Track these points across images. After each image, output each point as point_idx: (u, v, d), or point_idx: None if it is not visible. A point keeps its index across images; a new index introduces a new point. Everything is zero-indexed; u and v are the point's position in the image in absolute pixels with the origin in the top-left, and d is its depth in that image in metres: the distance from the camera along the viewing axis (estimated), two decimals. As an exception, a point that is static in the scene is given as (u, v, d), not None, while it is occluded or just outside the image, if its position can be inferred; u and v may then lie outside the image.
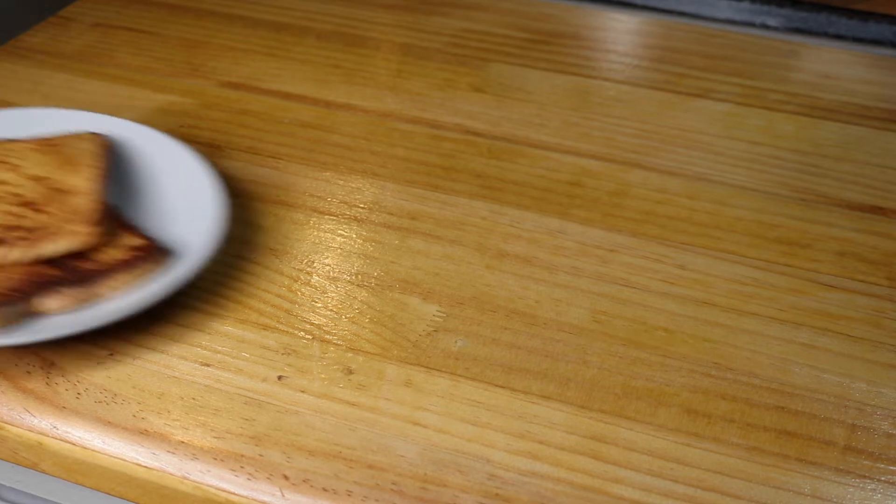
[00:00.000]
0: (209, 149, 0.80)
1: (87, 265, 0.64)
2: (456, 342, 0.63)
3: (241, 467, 0.56)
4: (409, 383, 0.61)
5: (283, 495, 0.55)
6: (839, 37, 0.97)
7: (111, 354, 0.62)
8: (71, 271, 0.63)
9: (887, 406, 0.60)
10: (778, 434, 0.58)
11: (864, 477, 0.56)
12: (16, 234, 0.64)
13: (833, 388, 0.61)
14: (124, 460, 0.57)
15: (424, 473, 0.56)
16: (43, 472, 0.60)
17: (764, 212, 0.74)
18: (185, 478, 0.56)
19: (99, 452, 0.58)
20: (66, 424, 0.59)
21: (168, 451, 0.57)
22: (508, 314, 0.65)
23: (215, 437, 0.57)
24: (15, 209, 0.66)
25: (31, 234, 0.64)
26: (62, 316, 0.62)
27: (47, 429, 0.59)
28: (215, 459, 0.56)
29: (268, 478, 0.56)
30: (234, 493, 0.56)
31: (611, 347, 0.63)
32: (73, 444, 0.58)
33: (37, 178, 0.69)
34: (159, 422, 0.58)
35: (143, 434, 0.58)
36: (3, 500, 0.66)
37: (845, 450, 0.57)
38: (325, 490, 0.55)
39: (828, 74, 0.91)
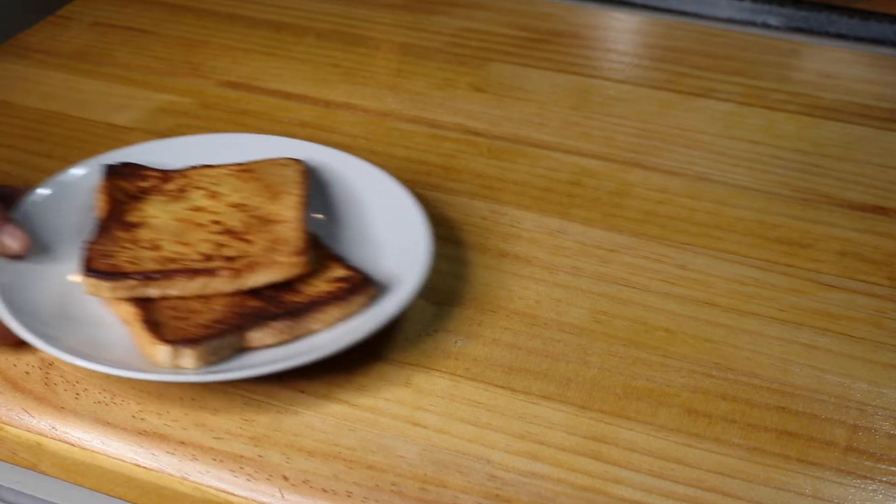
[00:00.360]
0: (208, 148, 0.80)
1: (294, 297, 0.61)
2: (456, 342, 0.63)
3: (241, 468, 0.56)
4: (408, 383, 0.61)
5: (283, 496, 0.55)
6: (840, 36, 0.97)
7: (110, 355, 0.62)
8: (277, 303, 0.61)
9: (889, 406, 0.60)
10: (779, 434, 0.58)
11: (866, 478, 0.56)
12: (217, 263, 0.62)
13: (834, 388, 0.61)
14: (123, 461, 0.57)
15: (424, 474, 0.56)
16: (42, 472, 0.60)
17: (765, 212, 0.74)
18: (184, 478, 0.56)
19: (98, 453, 0.58)
20: (65, 425, 0.59)
21: (167, 452, 0.57)
22: (508, 314, 0.65)
23: (215, 438, 0.57)
24: (216, 237, 0.64)
25: (233, 263, 0.62)
26: (273, 350, 0.60)
27: (46, 429, 0.59)
28: (215, 460, 0.56)
29: (267, 478, 0.56)
30: (233, 494, 0.56)
31: (611, 348, 0.63)
32: (72, 445, 0.58)
33: (237, 206, 0.67)
34: (158, 422, 0.58)
35: (143, 434, 0.58)
36: (2, 500, 0.66)
37: (846, 450, 0.57)
38: (324, 491, 0.55)
39: (829, 74, 0.91)
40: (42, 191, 0.69)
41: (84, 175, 0.71)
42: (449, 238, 0.71)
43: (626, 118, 0.84)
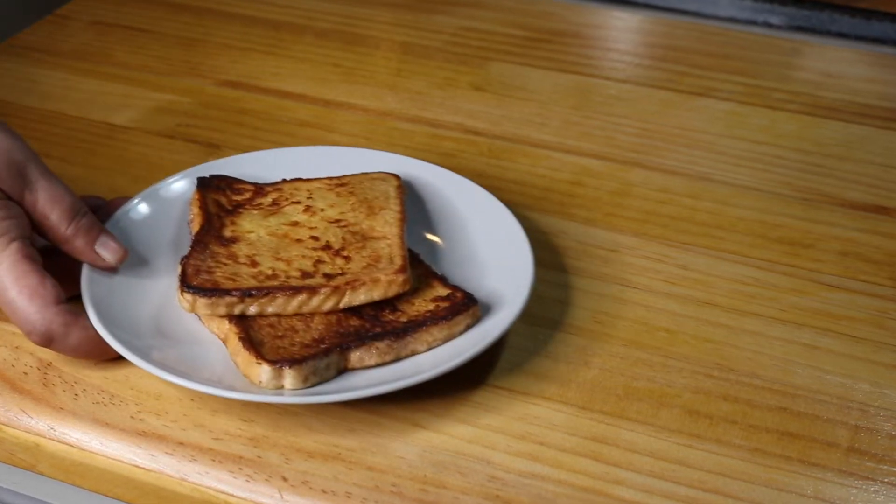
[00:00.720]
0: (207, 148, 0.80)
1: (395, 316, 0.61)
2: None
3: (240, 469, 0.56)
4: (408, 384, 0.61)
5: (282, 497, 0.55)
6: (842, 35, 0.97)
7: (109, 355, 0.62)
8: (378, 323, 0.60)
9: (891, 407, 0.60)
10: (780, 435, 0.58)
11: (868, 479, 0.56)
12: (317, 280, 0.61)
13: (836, 389, 0.61)
14: (122, 462, 0.57)
15: (424, 475, 0.56)
16: (40, 473, 0.60)
17: (766, 211, 0.74)
18: (183, 479, 0.56)
19: (96, 454, 0.58)
20: (64, 426, 0.59)
21: (166, 453, 0.57)
22: (509, 315, 0.65)
23: (214, 439, 0.57)
24: (314, 253, 0.63)
25: (333, 280, 0.61)
26: (374, 371, 0.59)
27: (44, 430, 0.59)
28: (214, 461, 0.56)
29: (266, 479, 0.56)
30: (232, 495, 0.56)
31: (612, 348, 0.63)
32: (71, 446, 0.58)
33: (334, 221, 0.66)
34: (157, 423, 0.58)
35: (141, 435, 0.58)
36: (1, 501, 0.66)
37: (848, 451, 0.57)
38: (324, 492, 0.55)
39: (830, 73, 0.91)
40: (134, 203, 0.68)
41: (176, 188, 0.70)
42: (449, 238, 0.71)
43: (627, 118, 0.84)
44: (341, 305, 0.60)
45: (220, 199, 0.68)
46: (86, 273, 0.62)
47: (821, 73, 0.91)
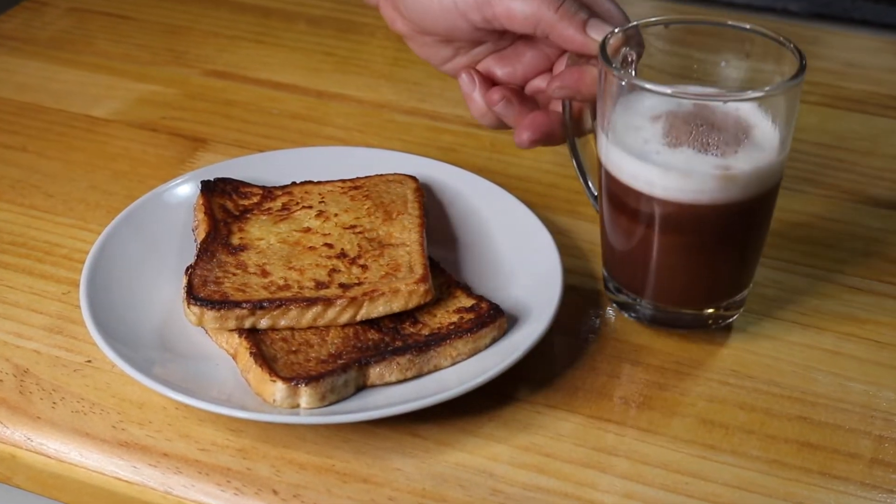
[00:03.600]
0: (193, 142, 0.81)
1: (417, 329, 0.60)
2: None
3: (228, 482, 0.56)
4: (406, 392, 0.61)
5: (273, 511, 0.55)
6: (864, 22, 0.98)
7: (89, 361, 0.62)
8: (398, 336, 0.60)
9: (917, 416, 0.60)
10: (800, 446, 0.58)
11: (892, 492, 0.56)
12: (332, 291, 0.60)
13: (859, 396, 0.61)
14: (103, 474, 0.57)
15: (423, 488, 0.56)
16: (16, 486, 0.60)
17: (785, 209, 0.74)
18: (168, 493, 0.56)
19: (76, 466, 0.58)
20: (41, 436, 0.59)
21: (150, 465, 0.57)
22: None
23: (200, 450, 0.57)
24: (327, 262, 0.63)
25: (349, 291, 0.60)
26: (397, 388, 0.58)
27: (21, 440, 0.59)
28: (200, 473, 0.57)
29: (256, 493, 0.56)
30: (220, 509, 0.56)
31: (622, 353, 0.63)
32: (49, 457, 0.58)
33: (348, 227, 0.66)
34: (140, 433, 0.58)
35: (124, 446, 0.58)
36: (-26, 516, 0.66)
37: (872, 463, 0.57)
38: (317, 506, 0.55)
39: (852, 63, 0.92)
40: (133, 209, 0.68)
41: (179, 192, 0.70)
42: (449, 237, 0.71)
43: (638, 110, 0.84)
44: (359, 318, 0.60)
45: (226, 204, 0.68)
46: (84, 285, 0.62)
47: (842, 63, 0.91)
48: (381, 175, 0.71)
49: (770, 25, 0.92)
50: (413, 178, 0.70)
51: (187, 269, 0.62)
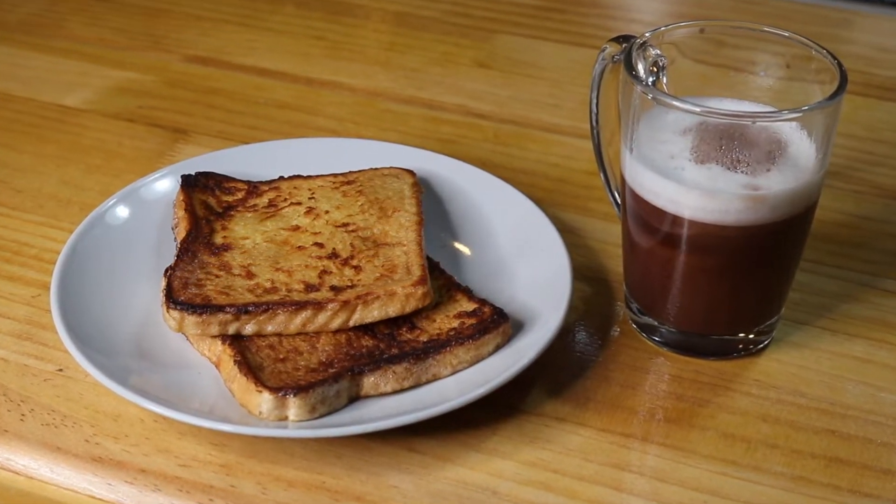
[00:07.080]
0: (173, 133, 0.81)
1: (414, 335, 0.60)
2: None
3: (210, 500, 0.56)
4: (403, 403, 0.61)
5: (259, 532, 0.55)
6: (898, 4, 0.98)
7: (60, 370, 0.62)
8: (394, 343, 0.60)
9: (954, 429, 0.60)
10: (828, 462, 0.58)
11: (928, 511, 0.56)
12: (323, 294, 0.60)
13: (891, 408, 0.61)
14: (76, 492, 0.57)
15: (421, 507, 0.56)
16: (-18, 505, 0.60)
17: (812, 206, 0.74)
18: (145, 512, 0.56)
19: (46, 482, 0.58)
20: (9, 451, 0.59)
21: (126, 482, 0.57)
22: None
23: (180, 466, 0.57)
24: (318, 263, 0.63)
25: (340, 294, 0.60)
26: (394, 398, 0.58)
27: (-13, 456, 0.59)
28: (180, 491, 0.57)
29: (241, 512, 0.56)
30: (201, 530, 0.56)
31: (635, 361, 0.63)
32: (17, 474, 0.58)
33: (340, 225, 0.65)
34: (116, 447, 0.58)
35: (98, 461, 0.58)
36: (-64, 537, 0.66)
37: (906, 480, 0.57)
38: (306, 526, 0.55)
39: (885, 47, 0.92)
40: (110, 206, 0.68)
41: (158, 187, 0.70)
42: (449, 236, 0.71)
43: (653, 98, 0.84)
44: (352, 323, 0.60)
45: (208, 200, 0.68)
46: (55, 288, 0.62)
47: (874, 48, 0.91)
48: (376, 169, 0.70)
49: (797, 7, 0.92)
50: (410, 172, 0.70)
51: (166, 270, 0.62)
